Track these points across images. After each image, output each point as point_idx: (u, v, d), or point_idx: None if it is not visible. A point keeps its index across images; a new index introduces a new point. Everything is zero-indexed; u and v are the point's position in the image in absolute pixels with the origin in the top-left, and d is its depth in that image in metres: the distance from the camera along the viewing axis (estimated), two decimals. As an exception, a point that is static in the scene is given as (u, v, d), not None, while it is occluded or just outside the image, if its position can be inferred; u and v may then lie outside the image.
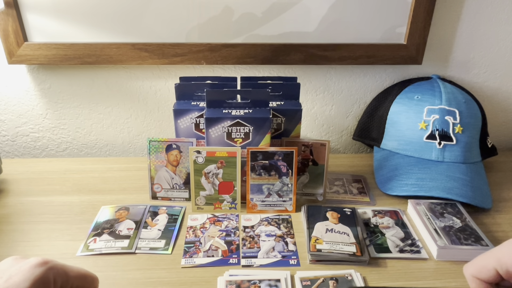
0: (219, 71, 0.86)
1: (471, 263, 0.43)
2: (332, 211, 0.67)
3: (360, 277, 0.55)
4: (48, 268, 0.36)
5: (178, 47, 0.80)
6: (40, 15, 0.77)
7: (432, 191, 0.69)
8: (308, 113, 0.92)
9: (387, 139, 0.81)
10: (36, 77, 0.84)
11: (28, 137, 0.91)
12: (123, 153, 0.94)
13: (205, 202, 0.69)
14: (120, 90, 0.87)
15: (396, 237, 0.63)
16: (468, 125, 0.77)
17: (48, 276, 0.35)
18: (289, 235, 0.64)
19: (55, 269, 0.36)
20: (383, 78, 0.89)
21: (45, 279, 0.35)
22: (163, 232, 0.64)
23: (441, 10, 0.82)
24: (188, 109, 0.70)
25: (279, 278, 0.54)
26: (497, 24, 0.84)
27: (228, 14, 0.78)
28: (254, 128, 0.66)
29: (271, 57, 0.82)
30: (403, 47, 0.83)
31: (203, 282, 0.55)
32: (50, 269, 0.36)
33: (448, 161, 0.74)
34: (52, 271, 0.36)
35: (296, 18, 0.79)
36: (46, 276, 0.35)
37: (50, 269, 0.36)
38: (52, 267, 0.36)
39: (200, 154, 0.67)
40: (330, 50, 0.82)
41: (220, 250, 0.60)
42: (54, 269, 0.36)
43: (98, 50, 0.79)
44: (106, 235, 0.63)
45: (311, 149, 0.71)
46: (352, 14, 0.80)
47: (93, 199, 0.72)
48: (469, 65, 0.88)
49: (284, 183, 0.68)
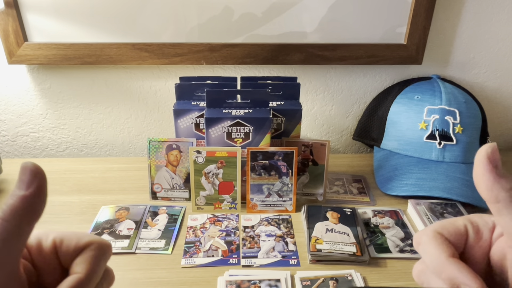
0: (219, 71, 0.86)
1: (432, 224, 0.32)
2: (332, 211, 0.67)
3: (360, 277, 0.55)
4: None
5: (178, 47, 0.80)
6: (40, 15, 0.77)
7: (432, 191, 0.69)
8: (308, 113, 0.92)
9: (387, 139, 0.81)
10: (36, 77, 0.84)
11: (28, 137, 0.91)
12: (123, 153, 0.94)
13: (205, 202, 0.69)
14: (120, 90, 0.87)
15: (396, 237, 0.63)
16: (468, 125, 0.77)
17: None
18: (289, 235, 0.64)
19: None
20: (383, 78, 0.89)
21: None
22: (163, 232, 0.64)
23: (441, 10, 0.82)
24: (188, 109, 0.70)
25: (279, 278, 0.54)
26: (497, 24, 0.84)
27: (228, 14, 0.78)
28: (254, 128, 0.66)
29: (271, 57, 0.82)
30: (403, 47, 0.83)
31: (203, 282, 0.55)
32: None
33: (448, 161, 0.74)
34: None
35: (296, 18, 0.79)
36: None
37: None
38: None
39: (200, 154, 0.67)
40: (330, 50, 0.82)
41: (220, 250, 0.60)
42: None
43: (98, 50, 0.79)
44: (106, 235, 0.63)
45: (311, 149, 0.71)
46: (352, 14, 0.80)
47: (93, 199, 0.72)
48: (469, 65, 0.88)
49: (284, 183, 0.68)
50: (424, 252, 0.28)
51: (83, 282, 0.28)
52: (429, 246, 0.28)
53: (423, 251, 0.29)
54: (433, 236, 0.28)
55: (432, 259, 0.27)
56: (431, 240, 0.28)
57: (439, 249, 0.27)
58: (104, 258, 0.30)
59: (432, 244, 0.28)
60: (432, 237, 0.28)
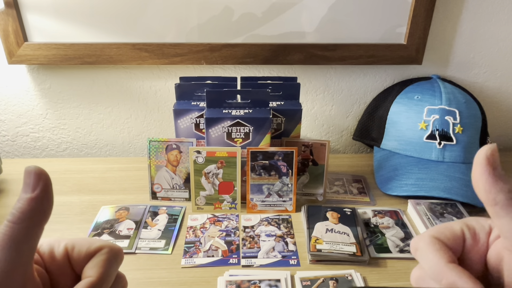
0: (219, 71, 0.86)
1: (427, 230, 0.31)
2: (332, 211, 0.67)
3: (360, 277, 0.55)
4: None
5: (178, 47, 0.80)
6: (40, 15, 0.77)
7: (432, 191, 0.69)
8: (308, 113, 0.92)
9: (387, 139, 0.81)
10: (36, 77, 0.84)
11: (28, 137, 0.91)
12: (123, 153, 0.94)
13: (205, 202, 0.69)
14: (120, 90, 0.87)
15: (396, 237, 0.63)
16: (468, 125, 0.77)
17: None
18: (289, 235, 0.64)
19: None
20: (383, 78, 0.89)
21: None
22: (163, 232, 0.64)
23: (441, 10, 0.82)
24: (188, 109, 0.70)
25: (279, 278, 0.54)
26: (497, 24, 0.84)
27: (228, 14, 0.78)
28: (254, 128, 0.66)
29: (271, 57, 0.82)
30: (403, 47, 0.83)
31: (203, 282, 0.55)
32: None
33: (448, 161, 0.74)
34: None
35: (296, 18, 0.79)
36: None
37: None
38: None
39: (200, 154, 0.67)
40: (330, 50, 0.82)
41: (220, 250, 0.60)
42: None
43: (98, 50, 0.79)
44: (106, 235, 0.63)
45: (311, 149, 0.71)
46: (352, 14, 0.80)
47: (93, 199, 0.72)
48: (469, 65, 0.88)
49: (284, 183, 0.68)
50: (422, 258, 0.28)
51: (95, 285, 0.28)
52: (427, 252, 0.28)
53: (421, 257, 0.28)
54: (430, 241, 0.28)
55: (431, 265, 0.27)
56: (428, 246, 0.28)
57: (438, 255, 0.27)
58: (116, 262, 0.30)
59: (430, 250, 0.27)
60: (430, 243, 0.28)
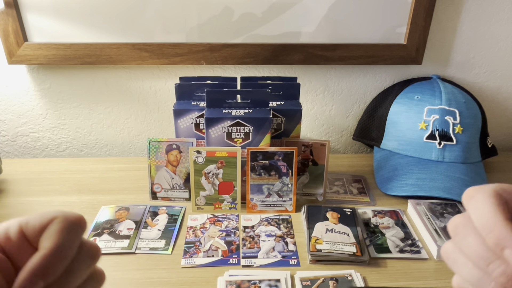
0: (219, 71, 0.86)
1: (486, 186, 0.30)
2: (332, 211, 0.67)
3: (360, 277, 0.55)
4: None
5: (178, 47, 0.80)
6: (40, 15, 0.77)
7: (432, 191, 0.69)
8: (308, 113, 0.92)
9: (387, 139, 0.81)
10: (36, 77, 0.84)
11: (28, 137, 0.91)
12: (123, 153, 0.94)
13: (205, 202, 0.69)
14: (120, 90, 0.87)
15: (396, 237, 0.63)
16: (468, 125, 0.77)
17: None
18: (289, 235, 0.64)
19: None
20: (383, 78, 0.89)
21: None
22: (163, 232, 0.64)
23: (441, 10, 0.82)
24: (188, 109, 0.70)
25: (279, 278, 0.54)
26: (497, 24, 0.84)
27: (228, 14, 0.78)
28: (254, 128, 0.66)
29: (271, 57, 0.82)
30: (403, 47, 0.83)
31: (203, 282, 0.55)
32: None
33: (448, 161, 0.74)
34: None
35: (296, 18, 0.79)
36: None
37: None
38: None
39: (200, 154, 0.67)
40: (330, 50, 0.82)
41: (220, 250, 0.60)
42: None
43: (98, 50, 0.79)
44: (106, 235, 0.63)
45: (311, 149, 0.71)
46: (352, 14, 0.80)
47: (93, 199, 0.72)
48: (469, 65, 0.88)
49: (284, 183, 0.68)
50: (476, 207, 0.28)
51: (48, 257, 0.26)
52: (484, 203, 0.27)
53: (475, 206, 0.28)
54: (492, 194, 0.28)
55: (484, 215, 0.27)
56: (489, 198, 0.28)
57: (496, 209, 0.27)
58: (72, 230, 0.27)
59: (488, 202, 0.27)
60: (491, 196, 0.28)
